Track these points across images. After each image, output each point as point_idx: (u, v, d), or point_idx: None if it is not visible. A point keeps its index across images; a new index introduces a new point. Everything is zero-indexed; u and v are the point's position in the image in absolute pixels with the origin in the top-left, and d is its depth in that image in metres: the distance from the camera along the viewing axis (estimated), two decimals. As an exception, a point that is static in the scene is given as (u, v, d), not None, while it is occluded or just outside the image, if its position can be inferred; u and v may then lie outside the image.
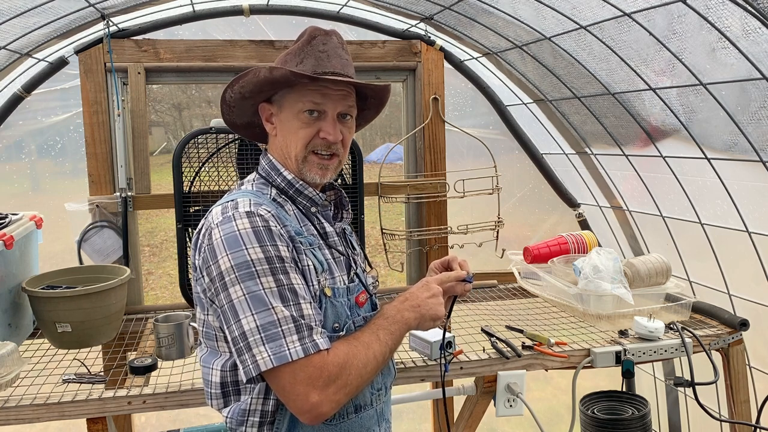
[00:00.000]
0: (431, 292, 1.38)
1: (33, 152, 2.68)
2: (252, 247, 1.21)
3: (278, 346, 1.17)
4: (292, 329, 1.19)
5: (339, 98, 1.35)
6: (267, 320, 1.18)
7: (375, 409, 1.42)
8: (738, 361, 2.14)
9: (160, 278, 7.31)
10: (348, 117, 1.40)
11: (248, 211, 1.25)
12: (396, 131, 3.20)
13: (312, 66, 1.33)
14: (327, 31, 1.37)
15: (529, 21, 2.25)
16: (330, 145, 1.37)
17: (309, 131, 1.35)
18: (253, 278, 1.20)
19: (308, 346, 1.19)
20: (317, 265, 1.32)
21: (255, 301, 1.19)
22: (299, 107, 1.34)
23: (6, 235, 2.00)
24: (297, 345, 1.18)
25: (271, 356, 1.17)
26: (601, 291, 2.16)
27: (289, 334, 1.18)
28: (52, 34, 2.39)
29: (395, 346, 1.33)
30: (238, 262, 1.20)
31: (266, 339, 1.18)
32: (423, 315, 1.35)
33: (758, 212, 2.11)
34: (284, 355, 1.17)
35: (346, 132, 1.39)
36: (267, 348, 1.17)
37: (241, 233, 1.23)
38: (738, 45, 1.67)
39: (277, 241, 1.24)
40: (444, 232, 2.84)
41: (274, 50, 2.67)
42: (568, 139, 2.91)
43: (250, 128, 1.50)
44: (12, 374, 1.77)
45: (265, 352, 1.17)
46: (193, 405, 1.77)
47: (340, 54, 1.36)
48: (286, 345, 1.17)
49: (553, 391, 3.82)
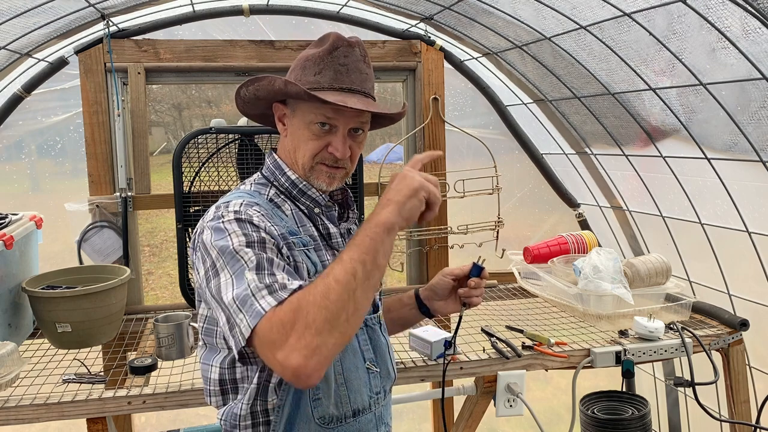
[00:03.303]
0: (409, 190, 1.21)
1: (33, 152, 2.68)
2: (234, 233, 1.22)
3: (251, 306, 1.11)
4: (260, 286, 1.14)
5: (352, 115, 1.33)
6: (242, 288, 1.14)
7: (374, 413, 1.41)
8: (738, 361, 2.14)
9: (160, 278, 7.31)
10: (360, 132, 1.38)
11: (236, 210, 1.27)
12: (396, 131, 3.19)
13: (329, 79, 1.32)
14: (350, 42, 1.34)
15: (529, 21, 2.25)
16: (337, 160, 1.36)
17: (318, 144, 1.34)
18: (236, 259, 1.19)
19: (279, 295, 1.12)
20: (310, 266, 1.31)
21: (237, 278, 1.17)
22: (311, 118, 1.33)
23: (6, 235, 2.00)
24: (269, 298, 1.12)
25: (248, 319, 1.10)
26: (601, 291, 2.16)
27: (258, 291, 1.13)
28: (52, 34, 2.39)
29: (371, 255, 1.14)
30: (221, 246, 1.21)
31: (241, 304, 1.12)
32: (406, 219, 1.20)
33: (758, 212, 2.11)
34: (257, 311, 1.10)
35: (355, 147, 1.37)
36: (244, 312, 1.12)
37: (224, 223, 1.24)
38: (738, 45, 1.67)
39: (261, 231, 1.24)
40: (444, 232, 2.84)
41: (274, 50, 2.67)
42: (568, 139, 2.91)
43: (265, 117, 1.50)
44: (12, 374, 1.77)
45: (244, 319, 1.11)
46: (193, 405, 1.77)
47: (360, 68, 1.35)
48: (257, 303, 1.11)
49: (553, 391, 3.82)
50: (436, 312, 1.67)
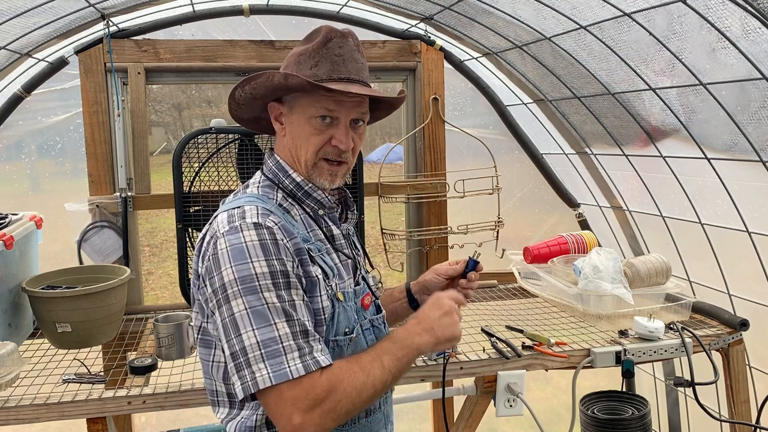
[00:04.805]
0: (443, 310, 1.32)
1: (33, 152, 2.68)
2: (258, 260, 1.18)
3: (278, 364, 1.13)
4: (293, 346, 1.15)
5: (353, 105, 1.32)
6: (268, 336, 1.14)
7: (382, 413, 1.42)
8: (738, 361, 2.14)
9: (160, 278, 7.31)
10: (360, 123, 1.37)
11: (256, 223, 1.22)
12: (396, 131, 3.19)
13: (327, 71, 1.30)
14: (343, 33, 1.33)
15: (529, 21, 2.25)
16: (341, 153, 1.34)
17: (321, 138, 1.32)
18: (256, 293, 1.16)
19: (309, 364, 1.14)
20: (328, 270, 1.30)
21: (256, 316, 1.15)
22: (312, 113, 1.31)
23: (6, 235, 2.00)
24: (298, 362, 1.13)
25: (271, 374, 1.12)
26: (601, 291, 2.16)
27: (290, 350, 1.14)
28: (52, 34, 2.39)
29: (400, 373, 1.25)
30: (243, 275, 1.17)
31: (267, 356, 1.13)
32: (438, 338, 1.29)
33: (758, 212, 2.11)
34: (284, 372, 1.12)
35: (357, 139, 1.36)
36: (267, 365, 1.12)
37: (247, 245, 1.19)
38: (738, 45, 1.67)
39: (283, 256, 1.21)
40: (444, 232, 2.84)
41: (274, 50, 2.67)
42: (568, 139, 2.91)
43: (256, 122, 1.48)
44: (12, 374, 1.77)
45: (264, 370, 1.12)
46: (193, 405, 1.77)
47: (356, 58, 1.34)
48: (286, 362, 1.13)
49: (553, 391, 3.82)
50: None
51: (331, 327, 1.29)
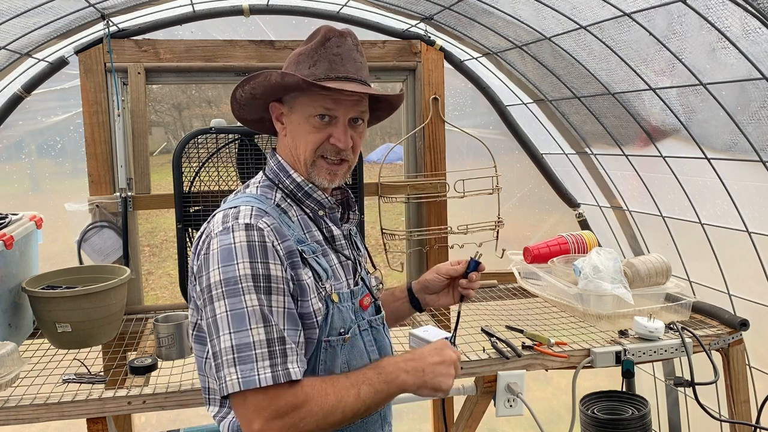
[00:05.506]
0: (442, 358, 1.31)
1: (33, 152, 2.68)
2: (243, 262, 1.19)
3: (249, 370, 1.13)
4: (265, 354, 1.15)
5: (351, 104, 1.32)
6: (243, 341, 1.15)
7: (379, 413, 1.41)
8: (738, 361, 2.14)
9: (160, 278, 7.31)
10: (360, 121, 1.37)
11: (247, 224, 1.22)
12: (396, 131, 3.20)
13: (325, 70, 1.30)
14: (342, 32, 1.34)
15: (529, 21, 2.25)
16: (339, 151, 1.34)
17: (319, 136, 1.32)
18: (238, 295, 1.17)
19: (279, 375, 1.14)
20: (321, 272, 1.30)
21: (235, 319, 1.16)
22: (310, 111, 1.31)
23: (6, 235, 2.00)
24: (268, 371, 1.14)
25: (240, 379, 1.13)
26: (601, 291, 2.16)
27: (261, 358, 1.14)
28: (52, 34, 2.39)
29: (376, 405, 1.24)
30: (227, 276, 1.18)
31: (239, 360, 1.14)
32: (424, 382, 1.28)
33: (758, 212, 2.11)
34: (253, 380, 1.13)
35: (356, 137, 1.36)
36: (238, 370, 1.13)
37: (235, 246, 1.20)
38: (738, 45, 1.67)
39: (270, 259, 1.20)
40: (444, 232, 2.84)
41: (274, 50, 2.67)
42: (568, 139, 2.91)
43: (260, 123, 1.48)
44: (12, 374, 1.77)
45: (235, 374, 1.13)
46: (193, 405, 1.77)
47: (354, 57, 1.34)
48: (256, 370, 1.13)
49: (553, 391, 3.82)
50: (427, 305, 1.69)
51: (325, 327, 1.29)
